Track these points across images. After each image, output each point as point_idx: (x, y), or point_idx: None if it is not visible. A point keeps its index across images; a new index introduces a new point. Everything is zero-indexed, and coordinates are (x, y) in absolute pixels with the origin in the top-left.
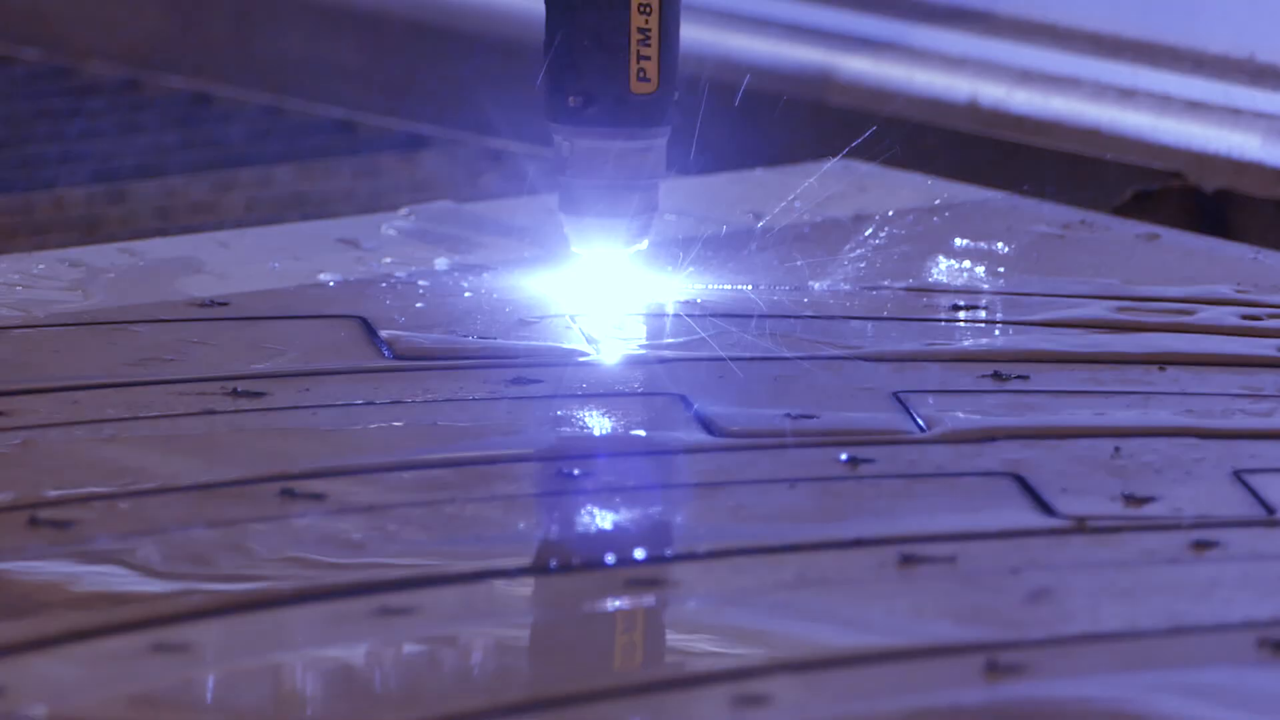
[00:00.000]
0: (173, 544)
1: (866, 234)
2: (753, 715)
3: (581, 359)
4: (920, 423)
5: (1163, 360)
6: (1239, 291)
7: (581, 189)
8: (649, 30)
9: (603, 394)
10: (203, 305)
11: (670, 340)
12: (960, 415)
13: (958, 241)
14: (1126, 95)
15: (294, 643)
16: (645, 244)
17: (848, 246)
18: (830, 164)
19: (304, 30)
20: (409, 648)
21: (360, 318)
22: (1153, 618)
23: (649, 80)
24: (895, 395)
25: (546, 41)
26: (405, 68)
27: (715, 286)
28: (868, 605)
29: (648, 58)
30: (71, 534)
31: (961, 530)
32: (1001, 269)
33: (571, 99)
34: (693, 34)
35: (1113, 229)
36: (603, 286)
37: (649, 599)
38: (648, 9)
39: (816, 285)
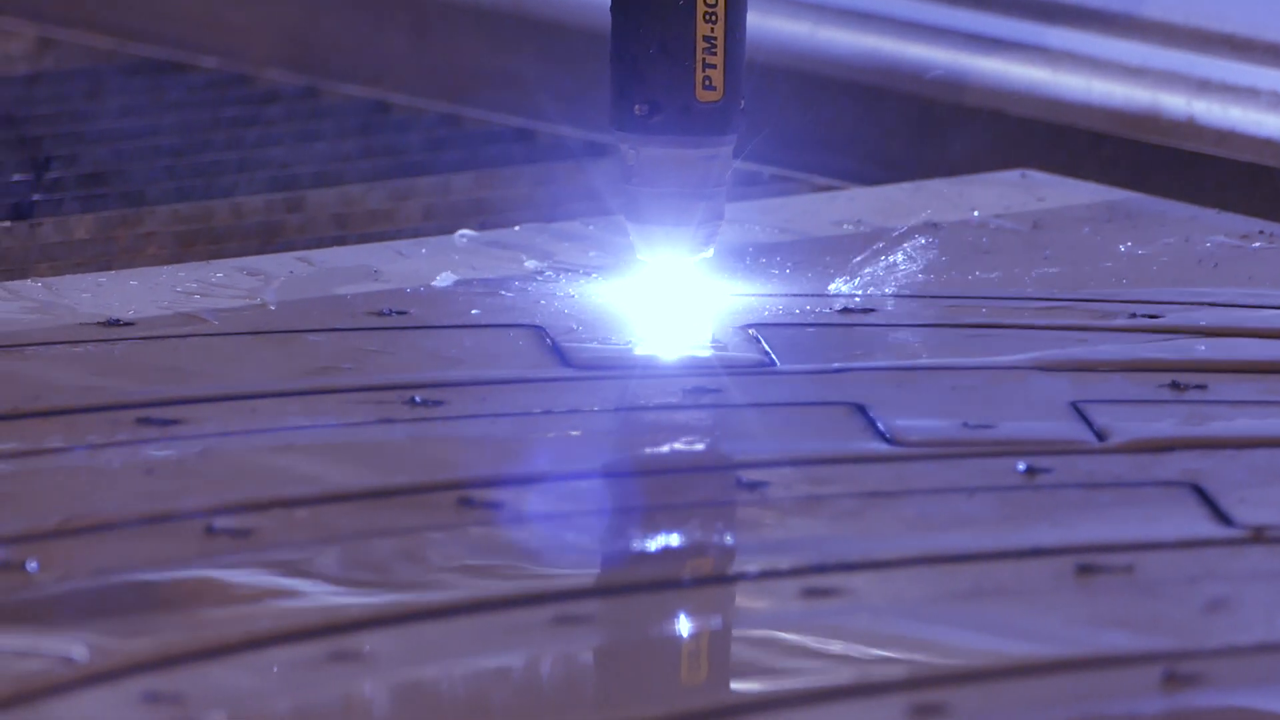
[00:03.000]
0: (349, 553)
1: (1042, 243)
2: None
3: (759, 368)
4: (1098, 432)
5: None
6: None
7: (647, 197)
8: (714, 39)
9: (780, 403)
10: (380, 314)
11: (848, 350)
12: (1138, 425)
13: (1136, 251)
14: None
15: (470, 652)
16: (711, 252)
17: (1024, 256)
18: (1008, 174)
19: (482, 39)
20: (586, 657)
21: (537, 327)
22: None
23: (715, 89)
24: (1073, 405)
25: (612, 49)
26: (583, 76)
27: (892, 295)
28: (1045, 615)
29: (713, 66)
30: (249, 542)
31: (1139, 540)
32: (1179, 279)
33: (637, 107)
34: (872, 43)
35: None
36: (777, 297)
37: (826, 607)
38: (713, 17)
39: (993, 294)
